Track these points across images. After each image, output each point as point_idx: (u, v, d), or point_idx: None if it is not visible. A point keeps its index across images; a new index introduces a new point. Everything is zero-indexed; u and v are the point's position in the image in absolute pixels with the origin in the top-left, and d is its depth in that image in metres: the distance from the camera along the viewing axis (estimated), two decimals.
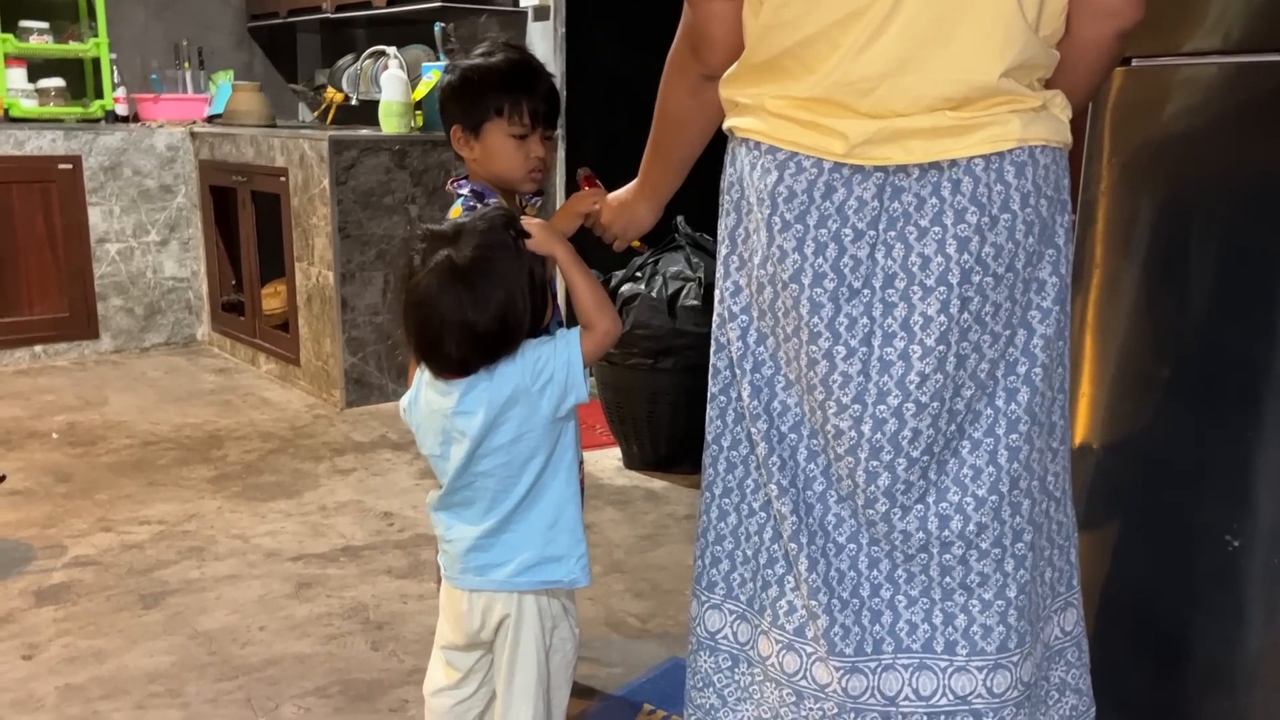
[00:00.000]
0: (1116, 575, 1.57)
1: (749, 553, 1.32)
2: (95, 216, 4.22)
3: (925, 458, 1.17)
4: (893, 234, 1.13)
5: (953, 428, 1.17)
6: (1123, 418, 1.57)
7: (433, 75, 3.67)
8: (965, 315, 1.13)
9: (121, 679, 1.96)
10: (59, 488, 2.90)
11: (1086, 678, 1.34)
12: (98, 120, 4.35)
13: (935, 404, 1.15)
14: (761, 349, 1.25)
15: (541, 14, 3.77)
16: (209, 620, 2.18)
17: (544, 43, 3.75)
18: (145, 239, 4.38)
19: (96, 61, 4.39)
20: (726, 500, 1.33)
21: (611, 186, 1.58)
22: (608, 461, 3.15)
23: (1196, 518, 1.46)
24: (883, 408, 1.16)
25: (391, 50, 3.97)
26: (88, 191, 4.18)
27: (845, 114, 1.11)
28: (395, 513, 2.76)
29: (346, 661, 2.03)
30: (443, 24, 3.90)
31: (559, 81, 1.67)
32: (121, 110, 4.45)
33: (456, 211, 1.56)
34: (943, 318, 1.13)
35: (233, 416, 3.59)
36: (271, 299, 4.10)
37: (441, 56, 3.89)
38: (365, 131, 3.71)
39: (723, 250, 1.29)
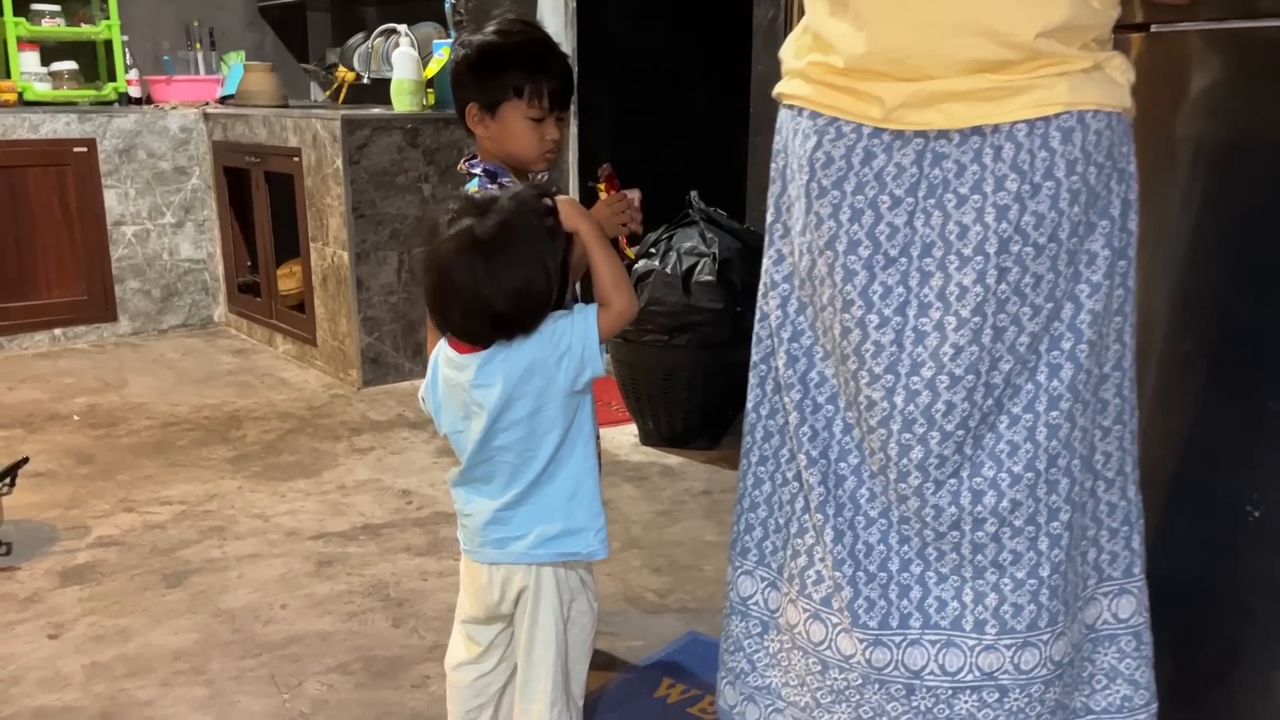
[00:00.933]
0: None
1: (781, 521, 1.32)
2: (111, 199, 4.23)
3: (960, 432, 1.14)
4: (932, 201, 1.10)
5: (990, 402, 1.14)
6: (1143, 389, 1.55)
7: (444, 52, 3.65)
8: (1003, 286, 1.10)
9: (146, 657, 1.98)
10: (81, 469, 2.93)
11: (1146, 671, 1.29)
12: (111, 103, 4.35)
13: (970, 377, 1.12)
14: (801, 318, 1.24)
15: None
16: (231, 599, 2.20)
17: (555, 17, 3.72)
18: (161, 221, 4.39)
19: (108, 44, 4.39)
20: (762, 468, 1.33)
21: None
22: (624, 438, 3.16)
23: (1217, 489, 1.45)
24: (916, 379, 1.13)
25: (402, 28, 3.96)
26: (103, 174, 4.19)
27: (881, 78, 1.09)
28: (414, 491, 2.77)
29: (368, 639, 2.04)
30: (453, 0, 3.88)
31: (570, 56, 1.66)
32: (134, 92, 4.46)
33: (473, 191, 1.56)
34: (979, 288, 1.10)
35: (251, 397, 3.61)
36: (287, 279, 4.11)
37: (452, 33, 3.86)
38: (377, 110, 3.70)
39: (769, 218, 1.27)
